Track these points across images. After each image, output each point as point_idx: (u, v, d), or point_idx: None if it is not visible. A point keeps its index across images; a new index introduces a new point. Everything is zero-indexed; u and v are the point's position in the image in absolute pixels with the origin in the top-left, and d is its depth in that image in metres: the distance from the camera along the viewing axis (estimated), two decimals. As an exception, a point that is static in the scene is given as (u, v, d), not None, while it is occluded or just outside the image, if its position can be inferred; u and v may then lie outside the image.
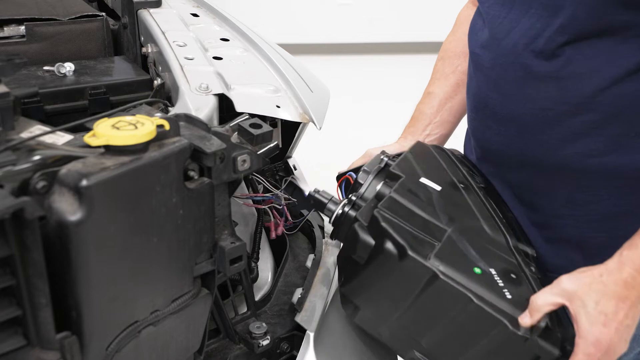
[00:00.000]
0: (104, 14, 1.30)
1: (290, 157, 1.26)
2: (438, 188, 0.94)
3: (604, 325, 0.79)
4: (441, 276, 0.82)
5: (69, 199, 0.62)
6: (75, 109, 1.05)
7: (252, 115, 0.92)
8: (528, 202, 1.00)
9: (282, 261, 1.14)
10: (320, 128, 1.02)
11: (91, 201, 0.62)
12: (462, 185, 0.97)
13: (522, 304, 0.81)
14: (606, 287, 0.80)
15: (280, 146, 1.12)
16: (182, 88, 0.97)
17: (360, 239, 0.88)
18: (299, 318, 0.98)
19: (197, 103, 0.93)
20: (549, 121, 0.91)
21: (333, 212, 0.95)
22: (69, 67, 1.10)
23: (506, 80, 0.95)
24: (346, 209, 0.94)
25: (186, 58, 1.07)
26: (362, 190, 0.95)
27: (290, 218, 1.15)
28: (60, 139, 0.72)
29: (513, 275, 0.85)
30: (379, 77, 4.34)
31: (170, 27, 1.20)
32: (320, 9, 4.99)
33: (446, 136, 1.19)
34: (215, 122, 0.95)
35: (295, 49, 1.97)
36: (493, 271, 0.84)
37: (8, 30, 1.21)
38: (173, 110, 0.91)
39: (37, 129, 0.74)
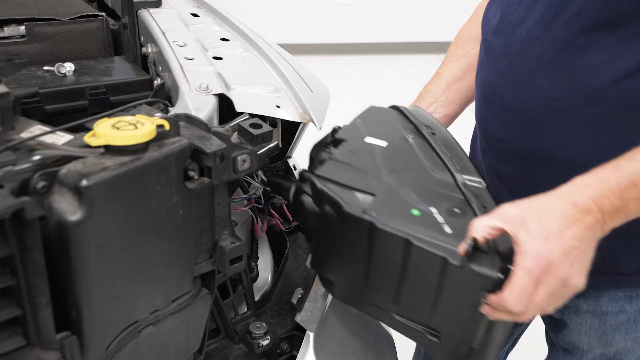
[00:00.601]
0: (104, 14, 1.30)
1: (290, 157, 1.26)
2: (384, 144, 0.93)
3: (546, 239, 0.72)
4: (378, 225, 0.80)
5: (69, 199, 0.62)
6: (75, 109, 1.05)
7: (252, 115, 0.92)
8: (526, 196, 1.00)
9: (282, 261, 1.14)
10: (321, 128, 1.02)
11: (91, 201, 0.62)
12: (411, 136, 0.96)
13: (464, 236, 0.77)
14: (551, 206, 0.75)
15: (280, 146, 1.12)
16: (182, 88, 0.97)
17: (307, 209, 0.88)
18: (299, 318, 0.98)
19: (197, 103, 0.93)
20: (557, 112, 0.90)
21: (289, 192, 0.94)
22: (69, 67, 1.10)
23: (517, 68, 0.94)
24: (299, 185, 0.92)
25: (186, 58, 1.07)
26: (313, 163, 0.94)
27: (291, 218, 1.15)
28: (60, 139, 0.72)
29: (457, 210, 0.82)
30: (379, 77, 4.34)
31: (170, 27, 1.20)
32: (320, 9, 4.99)
33: (450, 117, 1.18)
34: (215, 122, 0.95)
35: (295, 49, 1.97)
36: (434, 210, 0.82)
37: (8, 30, 1.21)
38: (173, 110, 0.91)
39: (37, 129, 0.74)
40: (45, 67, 1.10)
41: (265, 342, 0.95)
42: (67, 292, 0.65)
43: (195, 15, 1.35)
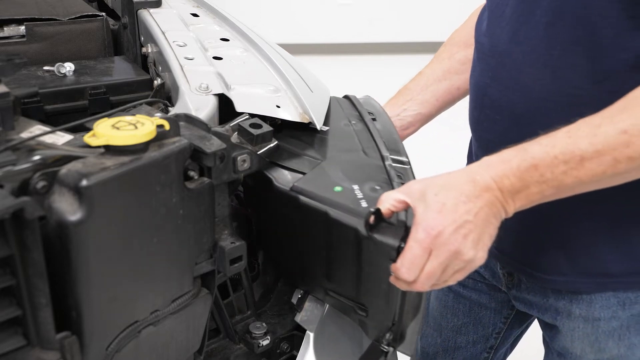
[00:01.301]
0: (104, 14, 1.30)
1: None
2: (326, 129, 1.00)
3: (439, 212, 0.74)
4: (301, 198, 0.85)
5: (69, 199, 0.62)
6: (75, 109, 1.05)
7: (252, 115, 0.92)
8: None
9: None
10: (321, 128, 1.02)
11: (91, 201, 0.62)
12: (354, 122, 1.02)
13: None
14: (451, 181, 0.76)
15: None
16: (182, 88, 0.97)
17: (249, 186, 0.93)
18: (299, 318, 0.98)
19: (197, 103, 0.93)
20: (544, 112, 0.90)
21: None
22: (69, 67, 1.10)
23: (505, 68, 0.95)
24: None
25: (186, 58, 1.07)
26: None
27: None
28: (60, 139, 0.72)
29: (377, 187, 0.86)
30: (379, 77, 4.34)
31: (170, 27, 1.20)
32: (320, 9, 4.99)
33: (424, 115, 1.19)
34: (216, 122, 0.95)
35: (295, 49, 1.97)
36: (356, 187, 0.85)
37: (8, 30, 1.21)
38: (173, 110, 0.91)
39: (37, 129, 0.74)
40: (45, 67, 1.10)
41: (265, 342, 0.95)
42: (67, 292, 0.65)
43: (195, 15, 1.35)
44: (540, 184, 0.76)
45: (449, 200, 0.74)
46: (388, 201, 0.78)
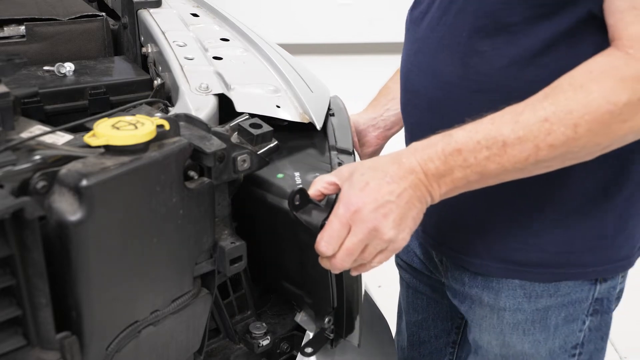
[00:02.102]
0: (104, 14, 1.30)
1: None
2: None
3: (361, 190, 0.76)
4: (250, 186, 0.87)
5: (69, 199, 0.62)
6: (75, 109, 1.05)
7: (252, 115, 0.92)
8: None
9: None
10: (321, 128, 1.02)
11: (91, 201, 0.62)
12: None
13: None
14: (379, 163, 0.78)
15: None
16: (182, 88, 0.97)
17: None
18: (299, 318, 0.98)
19: (197, 103, 0.93)
20: (454, 97, 0.92)
21: None
22: (69, 67, 1.10)
23: (422, 53, 0.97)
24: None
25: (186, 58, 1.07)
26: None
27: None
28: (60, 139, 0.72)
29: (317, 174, 0.88)
30: (379, 77, 4.34)
31: (170, 27, 1.20)
32: (320, 9, 4.99)
33: None
34: (216, 122, 0.95)
35: (295, 49, 1.97)
36: (297, 174, 0.89)
37: (8, 30, 1.21)
38: (173, 110, 0.91)
39: (37, 129, 0.74)
40: (45, 67, 1.10)
41: (265, 342, 0.95)
42: (67, 292, 0.65)
43: (195, 15, 1.35)
44: (464, 168, 0.77)
45: (373, 180, 0.76)
46: (319, 183, 0.81)
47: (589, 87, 0.75)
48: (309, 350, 0.93)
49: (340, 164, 0.91)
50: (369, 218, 0.75)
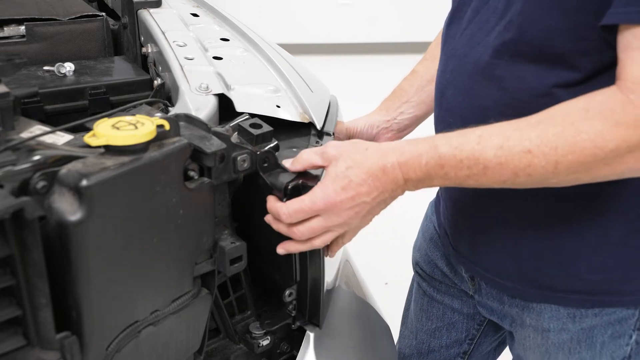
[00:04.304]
0: (104, 14, 1.30)
1: (290, 157, 1.26)
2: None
3: (343, 189, 0.78)
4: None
5: (69, 199, 0.62)
6: (75, 109, 1.05)
7: (252, 115, 0.92)
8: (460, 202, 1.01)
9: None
10: (321, 128, 1.02)
11: (91, 201, 0.62)
12: None
13: None
14: (365, 160, 0.80)
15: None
16: (182, 88, 0.97)
17: None
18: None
19: (197, 103, 0.93)
20: (487, 120, 0.90)
21: None
22: (69, 67, 1.10)
23: (459, 71, 0.95)
24: None
25: (186, 58, 1.07)
26: None
27: None
28: (60, 139, 0.72)
29: (295, 149, 0.91)
30: (379, 77, 4.34)
31: (170, 27, 1.20)
32: (320, 9, 4.99)
33: (419, 117, 1.20)
34: (216, 122, 0.95)
35: (295, 49, 1.97)
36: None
37: (8, 30, 1.21)
38: (173, 110, 0.91)
39: (37, 129, 0.74)
40: (45, 67, 1.10)
41: (265, 342, 0.95)
42: (67, 292, 0.65)
43: (195, 15, 1.35)
44: (443, 180, 0.80)
45: (356, 179, 0.79)
46: (303, 162, 0.83)
47: (580, 126, 0.74)
48: (267, 321, 0.95)
49: (318, 142, 0.94)
50: (342, 215, 0.80)
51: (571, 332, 0.98)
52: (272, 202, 0.82)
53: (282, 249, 0.85)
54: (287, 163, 0.84)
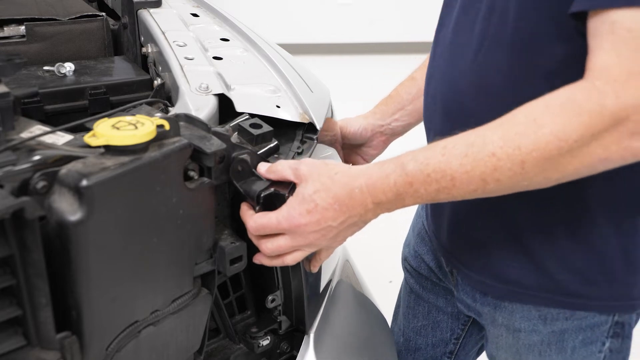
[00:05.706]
0: (104, 14, 1.30)
1: (290, 157, 1.26)
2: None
3: (308, 212, 0.77)
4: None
5: (69, 199, 0.62)
6: (75, 109, 1.05)
7: (252, 115, 0.92)
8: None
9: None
10: (321, 128, 1.02)
11: (91, 201, 0.62)
12: None
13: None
14: (332, 184, 0.78)
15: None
16: (182, 88, 0.97)
17: None
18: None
19: (197, 103, 0.93)
20: (467, 108, 0.90)
21: None
22: (69, 67, 1.10)
23: (443, 58, 0.95)
24: None
25: (186, 58, 1.07)
26: None
27: None
28: (60, 139, 0.72)
29: (276, 155, 0.90)
30: (379, 77, 4.34)
31: (170, 27, 1.20)
32: (320, 9, 4.99)
33: (412, 124, 1.21)
34: (216, 122, 0.95)
35: (295, 49, 1.97)
36: None
37: (8, 30, 1.21)
38: (173, 110, 0.91)
39: (37, 129, 0.74)
40: (45, 67, 1.10)
41: (265, 342, 0.95)
42: (67, 292, 0.65)
43: (195, 15, 1.35)
44: (415, 198, 0.78)
45: (322, 203, 0.77)
46: (281, 172, 0.80)
47: (542, 120, 0.72)
48: (254, 329, 0.95)
49: (299, 153, 0.94)
50: (308, 237, 0.79)
51: (542, 334, 0.97)
52: (243, 210, 0.81)
53: (256, 260, 0.84)
54: (262, 168, 0.82)
